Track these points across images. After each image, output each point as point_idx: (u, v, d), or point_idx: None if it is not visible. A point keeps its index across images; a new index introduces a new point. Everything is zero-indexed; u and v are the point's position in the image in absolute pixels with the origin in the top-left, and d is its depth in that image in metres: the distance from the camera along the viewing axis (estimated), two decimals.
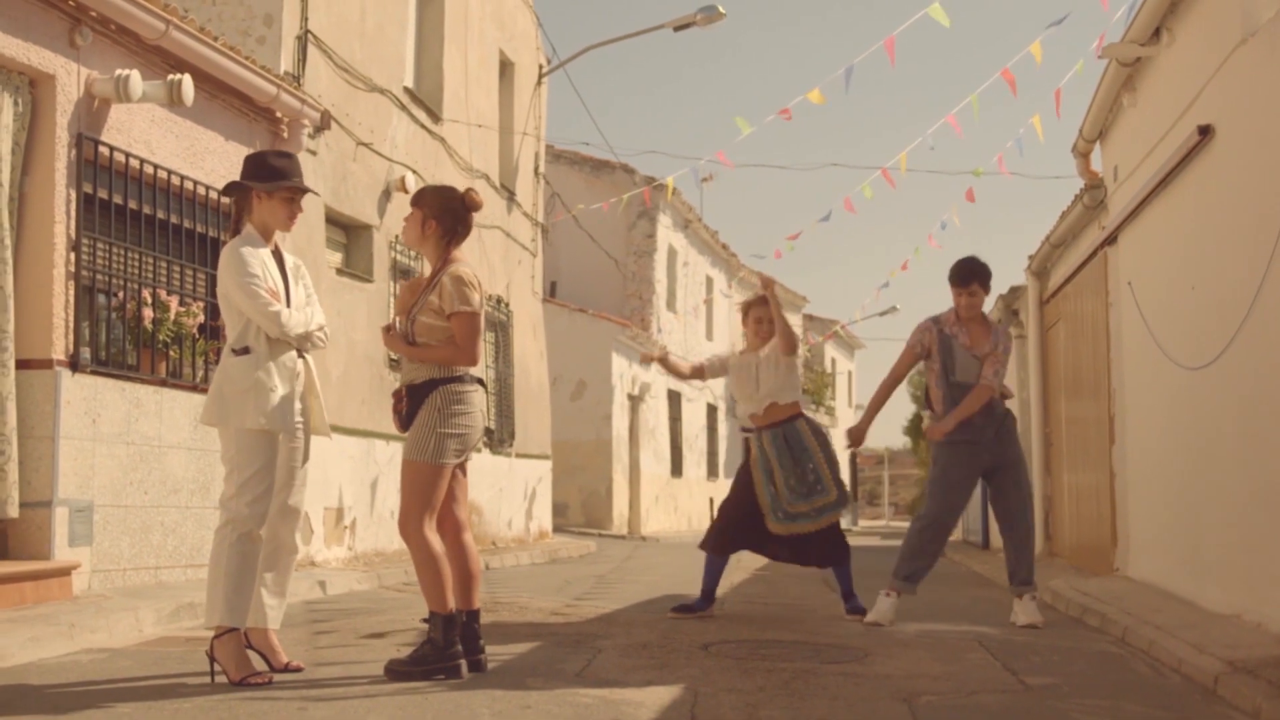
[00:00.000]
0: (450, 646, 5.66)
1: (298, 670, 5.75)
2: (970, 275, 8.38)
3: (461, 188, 6.18)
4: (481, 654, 5.85)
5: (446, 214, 5.98)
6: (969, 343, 8.34)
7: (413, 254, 14.02)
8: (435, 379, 5.80)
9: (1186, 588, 8.71)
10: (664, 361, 9.24)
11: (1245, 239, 7.50)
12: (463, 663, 5.67)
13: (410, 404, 5.82)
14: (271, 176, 5.82)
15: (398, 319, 6.03)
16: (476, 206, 6.04)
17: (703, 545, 8.76)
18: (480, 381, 5.97)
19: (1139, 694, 5.73)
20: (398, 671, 5.62)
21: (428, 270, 6.08)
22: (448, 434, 5.75)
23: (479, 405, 5.91)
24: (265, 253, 5.80)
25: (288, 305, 5.77)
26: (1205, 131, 8.18)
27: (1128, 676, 6.24)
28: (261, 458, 5.62)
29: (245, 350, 5.66)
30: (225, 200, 6.13)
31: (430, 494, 5.73)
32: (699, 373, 9.14)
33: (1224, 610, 7.71)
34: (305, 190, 5.93)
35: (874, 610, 8.18)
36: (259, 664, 5.66)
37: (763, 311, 8.87)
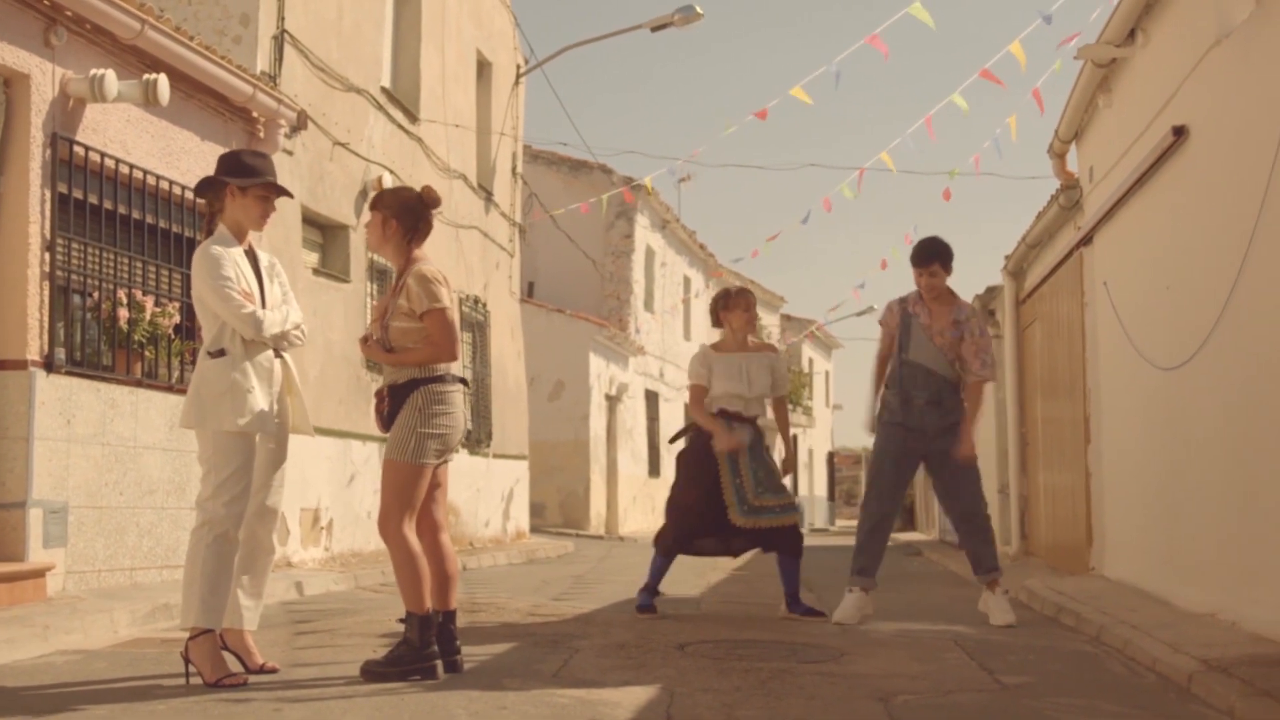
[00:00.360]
0: (426, 647, 5.66)
1: (273, 671, 5.73)
2: (930, 255, 8.33)
3: (438, 188, 6.18)
4: (458, 655, 5.84)
5: (406, 213, 5.99)
6: (928, 322, 8.28)
7: None
8: (417, 379, 5.81)
9: (1162, 587, 8.75)
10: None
11: (1219, 239, 7.53)
12: (439, 663, 5.67)
13: (392, 404, 5.83)
14: (247, 174, 5.81)
15: (373, 327, 6.02)
16: (435, 202, 6.05)
17: (665, 550, 8.68)
18: (463, 381, 5.98)
19: (1114, 693, 5.75)
20: (374, 672, 5.61)
21: None
22: (429, 434, 5.76)
23: (460, 405, 5.93)
24: (238, 252, 5.78)
25: (263, 305, 5.76)
26: (1180, 132, 8.21)
27: (1103, 675, 6.26)
28: (238, 459, 5.60)
29: (221, 353, 5.65)
30: (200, 201, 6.09)
31: (410, 494, 5.75)
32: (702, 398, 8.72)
33: (1199, 609, 7.74)
34: (280, 190, 5.92)
35: (839, 609, 8.21)
36: (235, 665, 5.64)
37: (750, 300, 8.87)
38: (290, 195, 6.10)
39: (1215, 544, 7.65)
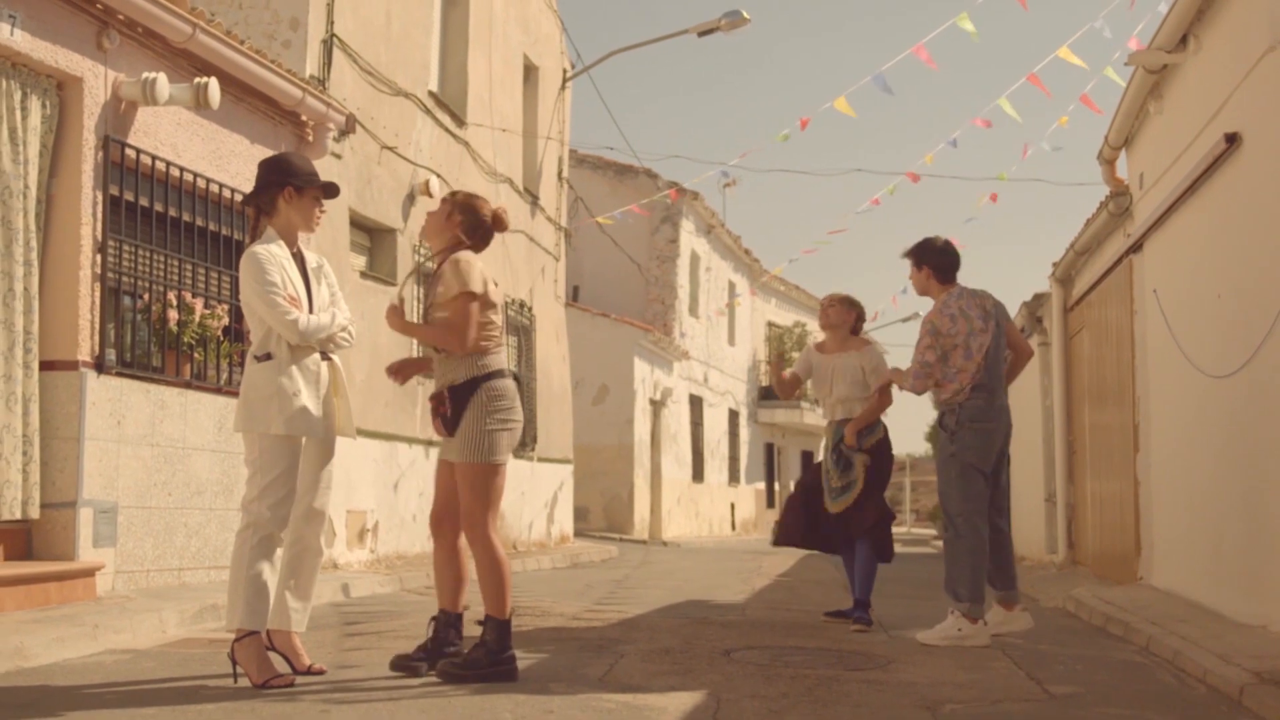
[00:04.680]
0: (504, 650, 5.70)
1: (320, 673, 5.75)
2: (905, 252, 8.11)
3: (485, 192, 6.26)
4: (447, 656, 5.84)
5: (471, 218, 6.03)
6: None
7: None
8: (477, 378, 5.79)
9: (1211, 597, 8.67)
10: (778, 376, 9.10)
11: (1271, 247, 7.46)
12: (516, 666, 5.74)
13: (454, 405, 5.79)
14: (303, 176, 5.86)
15: (401, 299, 6.13)
16: (503, 226, 6.13)
17: (786, 538, 8.96)
18: (515, 376, 5.97)
19: (1163, 704, 5.70)
20: (451, 675, 5.62)
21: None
22: (498, 430, 5.77)
23: (518, 398, 5.94)
24: (285, 255, 5.80)
25: (310, 308, 5.78)
26: (1232, 139, 8.14)
27: (1152, 686, 6.21)
28: (284, 462, 5.62)
29: (267, 356, 5.67)
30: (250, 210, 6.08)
31: (491, 494, 5.78)
32: (796, 383, 9.03)
33: (1249, 620, 7.67)
34: (335, 190, 5.99)
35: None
36: (281, 666, 5.66)
37: (829, 303, 8.95)
38: (337, 192, 6.10)
39: (1265, 554, 7.57)
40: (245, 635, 5.50)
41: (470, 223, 6.01)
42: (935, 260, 7.96)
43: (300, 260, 5.90)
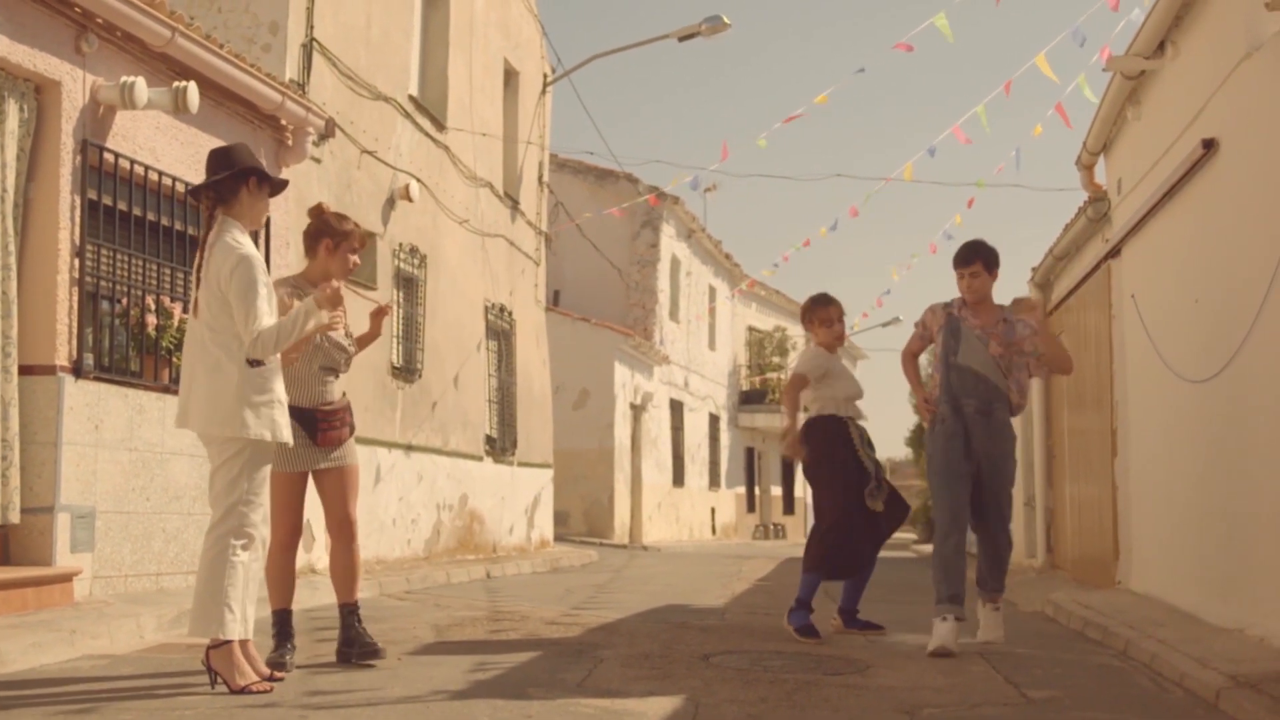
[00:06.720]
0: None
1: (279, 680, 5.68)
2: (971, 254, 7.86)
3: (462, 196, 6.45)
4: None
5: (330, 234, 6.93)
6: (978, 324, 7.78)
7: (415, 262, 14.01)
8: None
9: (1189, 601, 8.70)
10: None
11: (1249, 252, 7.50)
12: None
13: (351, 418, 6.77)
14: (262, 167, 5.83)
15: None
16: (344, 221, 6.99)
17: (828, 574, 8.16)
18: None
19: (1141, 708, 5.72)
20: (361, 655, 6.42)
21: (428, 278, 6.38)
22: None
23: None
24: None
25: None
26: (1209, 145, 8.18)
27: (1130, 690, 6.23)
28: (267, 467, 5.62)
29: (260, 361, 5.60)
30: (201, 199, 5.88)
31: None
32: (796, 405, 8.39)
33: (1227, 624, 7.69)
34: (283, 187, 6.11)
35: (934, 636, 7.56)
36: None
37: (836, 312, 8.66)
38: (284, 186, 6.12)
39: (1242, 559, 7.61)
40: (222, 643, 5.45)
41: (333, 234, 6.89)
42: (996, 269, 7.98)
43: None
